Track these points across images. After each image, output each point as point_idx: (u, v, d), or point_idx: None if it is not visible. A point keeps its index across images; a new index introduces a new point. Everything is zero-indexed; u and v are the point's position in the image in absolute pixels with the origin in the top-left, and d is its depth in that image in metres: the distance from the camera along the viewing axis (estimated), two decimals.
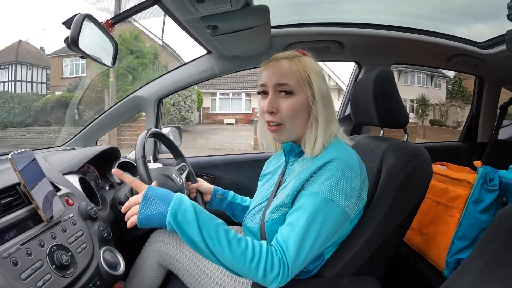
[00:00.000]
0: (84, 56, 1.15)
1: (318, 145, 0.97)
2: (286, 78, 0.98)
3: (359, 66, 2.02)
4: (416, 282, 1.56)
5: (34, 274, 0.78)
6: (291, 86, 0.98)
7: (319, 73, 1.01)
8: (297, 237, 0.89)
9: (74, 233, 0.97)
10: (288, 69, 0.99)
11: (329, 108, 1.00)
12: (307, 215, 0.89)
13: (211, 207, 1.43)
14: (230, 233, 0.89)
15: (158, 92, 1.90)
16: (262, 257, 0.87)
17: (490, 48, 1.98)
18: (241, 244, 0.87)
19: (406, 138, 1.26)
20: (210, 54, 1.83)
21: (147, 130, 1.27)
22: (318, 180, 0.92)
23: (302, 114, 1.00)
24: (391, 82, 1.17)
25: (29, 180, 0.90)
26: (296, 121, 1.00)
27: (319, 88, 0.99)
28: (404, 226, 1.09)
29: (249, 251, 0.87)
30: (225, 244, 0.86)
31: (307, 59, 1.03)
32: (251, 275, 0.88)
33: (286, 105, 0.98)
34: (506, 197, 1.28)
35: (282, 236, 0.91)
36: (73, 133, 1.91)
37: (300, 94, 0.99)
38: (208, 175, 1.99)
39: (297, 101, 0.98)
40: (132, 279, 1.26)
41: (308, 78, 0.99)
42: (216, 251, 0.86)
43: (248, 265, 0.86)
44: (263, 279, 0.88)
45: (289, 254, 0.88)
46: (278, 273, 0.87)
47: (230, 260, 0.86)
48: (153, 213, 0.87)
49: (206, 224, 0.87)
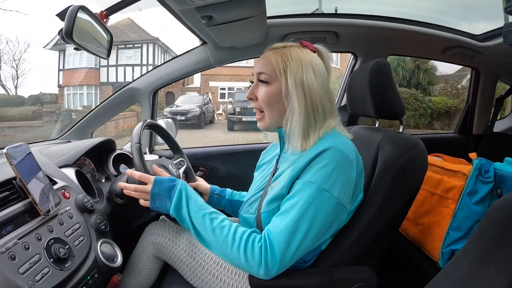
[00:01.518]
0: (78, 48, 1.14)
1: (311, 139, 0.98)
2: (264, 68, 1.03)
3: (355, 57, 2.02)
4: (411, 272, 1.57)
5: (32, 268, 0.78)
6: (266, 75, 1.02)
7: (306, 65, 0.99)
8: (288, 226, 0.89)
9: (71, 226, 0.97)
10: (268, 59, 1.03)
11: (315, 100, 0.98)
12: (300, 204, 0.90)
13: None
14: (215, 220, 0.97)
15: (153, 83, 1.89)
16: (242, 243, 0.92)
17: (487, 41, 1.98)
18: (223, 230, 0.95)
19: (402, 129, 1.26)
20: (205, 44, 1.81)
21: (143, 121, 1.26)
22: (312, 169, 0.92)
23: (278, 104, 1.02)
24: (387, 73, 1.17)
25: (25, 174, 0.89)
26: (273, 110, 1.03)
27: (298, 79, 0.98)
28: (400, 217, 1.10)
29: (230, 237, 0.93)
30: (210, 231, 0.95)
31: (297, 50, 1.02)
32: (236, 261, 0.93)
33: (261, 93, 1.04)
34: (500, 189, 1.29)
35: (273, 225, 0.93)
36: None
37: (275, 84, 1.01)
38: (204, 166, 1.99)
39: (271, 89, 1.02)
40: (129, 271, 1.27)
41: (284, 68, 0.99)
42: (205, 238, 0.97)
43: (230, 250, 0.92)
44: (247, 266, 0.91)
45: (279, 243, 0.89)
46: (260, 260, 0.89)
47: (216, 246, 0.95)
48: (160, 207, 1.02)
49: (196, 215, 0.98)
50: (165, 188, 1.02)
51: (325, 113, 1.00)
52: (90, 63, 18.70)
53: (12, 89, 20.47)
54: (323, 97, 1.00)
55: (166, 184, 1.02)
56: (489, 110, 2.37)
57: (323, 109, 1.00)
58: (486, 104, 2.35)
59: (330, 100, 1.02)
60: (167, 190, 1.01)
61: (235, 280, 1.08)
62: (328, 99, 1.02)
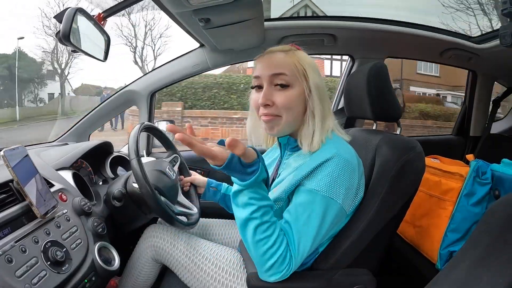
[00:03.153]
0: (76, 50, 1.14)
1: (316, 140, 0.97)
2: (282, 69, 0.97)
3: (353, 60, 2.03)
4: (409, 274, 1.57)
5: (29, 271, 0.77)
6: (287, 77, 0.97)
7: (314, 67, 1.01)
8: (297, 236, 0.90)
9: (68, 229, 0.97)
10: (284, 61, 0.99)
11: (324, 102, 1.00)
12: (307, 213, 0.90)
13: (204, 199, 1.44)
14: (266, 216, 0.89)
15: (151, 85, 1.89)
16: (281, 248, 0.89)
17: (484, 43, 1.99)
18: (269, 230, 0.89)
19: (399, 131, 1.27)
20: (203, 47, 1.82)
21: (140, 124, 1.26)
22: (317, 177, 0.92)
23: (298, 107, 0.99)
24: (385, 76, 1.17)
25: (22, 177, 0.89)
26: (292, 114, 0.98)
27: (314, 81, 0.99)
28: (398, 219, 1.10)
29: (270, 244, 0.88)
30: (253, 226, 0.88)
31: (302, 53, 1.03)
32: (257, 260, 0.91)
33: (282, 98, 0.97)
34: (498, 190, 1.29)
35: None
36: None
37: (296, 87, 0.98)
38: (201, 169, 1.99)
39: (293, 93, 0.97)
40: (127, 274, 1.26)
41: (304, 71, 0.98)
42: (243, 225, 0.90)
43: (261, 254, 0.89)
44: (263, 270, 0.91)
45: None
46: (278, 272, 0.90)
47: (248, 240, 0.90)
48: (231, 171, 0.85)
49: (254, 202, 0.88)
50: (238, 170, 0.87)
51: (326, 115, 1.01)
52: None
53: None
54: (326, 100, 1.02)
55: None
56: (486, 111, 2.39)
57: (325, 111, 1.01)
58: (483, 106, 2.36)
59: (329, 103, 1.04)
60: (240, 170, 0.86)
61: (233, 282, 1.08)
62: (328, 102, 1.03)
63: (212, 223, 1.46)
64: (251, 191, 0.87)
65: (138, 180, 1.09)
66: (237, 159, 0.82)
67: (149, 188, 1.08)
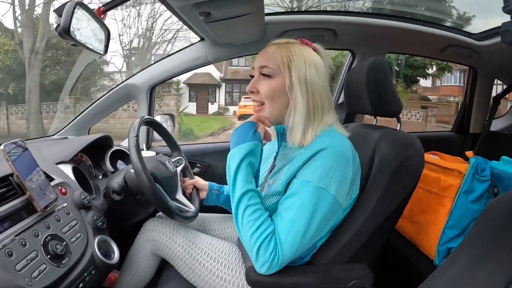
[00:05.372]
0: (75, 44, 1.13)
1: (299, 134, 0.98)
2: (267, 61, 1.03)
3: (353, 55, 2.02)
4: (407, 270, 1.58)
5: (29, 264, 0.78)
6: (269, 69, 1.02)
7: (310, 62, 1.00)
8: (288, 225, 0.90)
9: (68, 222, 0.97)
10: (271, 54, 1.03)
11: (316, 97, 1.00)
12: (299, 203, 0.91)
13: (208, 204, 1.43)
14: (252, 199, 0.94)
15: (150, 79, 1.88)
16: (261, 238, 0.90)
17: (485, 40, 1.98)
18: (254, 214, 0.93)
19: (399, 127, 1.27)
20: (203, 41, 1.81)
21: (140, 118, 1.26)
22: (310, 168, 0.93)
23: (281, 98, 1.02)
24: (385, 72, 1.16)
25: (22, 171, 0.89)
26: (274, 104, 1.03)
27: (302, 75, 0.99)
28: (396, 215, 1.10)
29: (255, 226, 0.91)
30: (243, 206, 0.93)
31: (300, 47, 1.03)
32: (246, 245, 0.93)
33: (264, 87, 1.03)
34: (497, 187, 1.30)
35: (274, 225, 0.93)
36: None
37: (278, 78, 1.01)
38: (200, 163, 1.99)
39: (275, 84, 1.01)
40: (126, 268, 1.27)
41: (289, 64, 1.00)
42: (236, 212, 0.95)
43: (248, 237, 0.91)
44: (254, 257, 0.91)
45: (280, 242, 0.90)
46: (267, 260, 0.90)
47: (239, 223, 0.94)
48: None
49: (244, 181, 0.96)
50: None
51: (323, 111, 1.01)
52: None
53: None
54: (323, 95, 1.01)
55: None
56: (486, 109, 2.39)
57: (322, 107, 1.01)
58: (483, 103, 2.36)
59: (328, 99, 1.03)
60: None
61: (232, 276, 1.08)
62: (327, 98, 1.03)
63: (211, 217, 1.46)
64: (245, 153, 0.98)
65: (133, 163, 1.10)
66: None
67: (145, 174, 1.09)
